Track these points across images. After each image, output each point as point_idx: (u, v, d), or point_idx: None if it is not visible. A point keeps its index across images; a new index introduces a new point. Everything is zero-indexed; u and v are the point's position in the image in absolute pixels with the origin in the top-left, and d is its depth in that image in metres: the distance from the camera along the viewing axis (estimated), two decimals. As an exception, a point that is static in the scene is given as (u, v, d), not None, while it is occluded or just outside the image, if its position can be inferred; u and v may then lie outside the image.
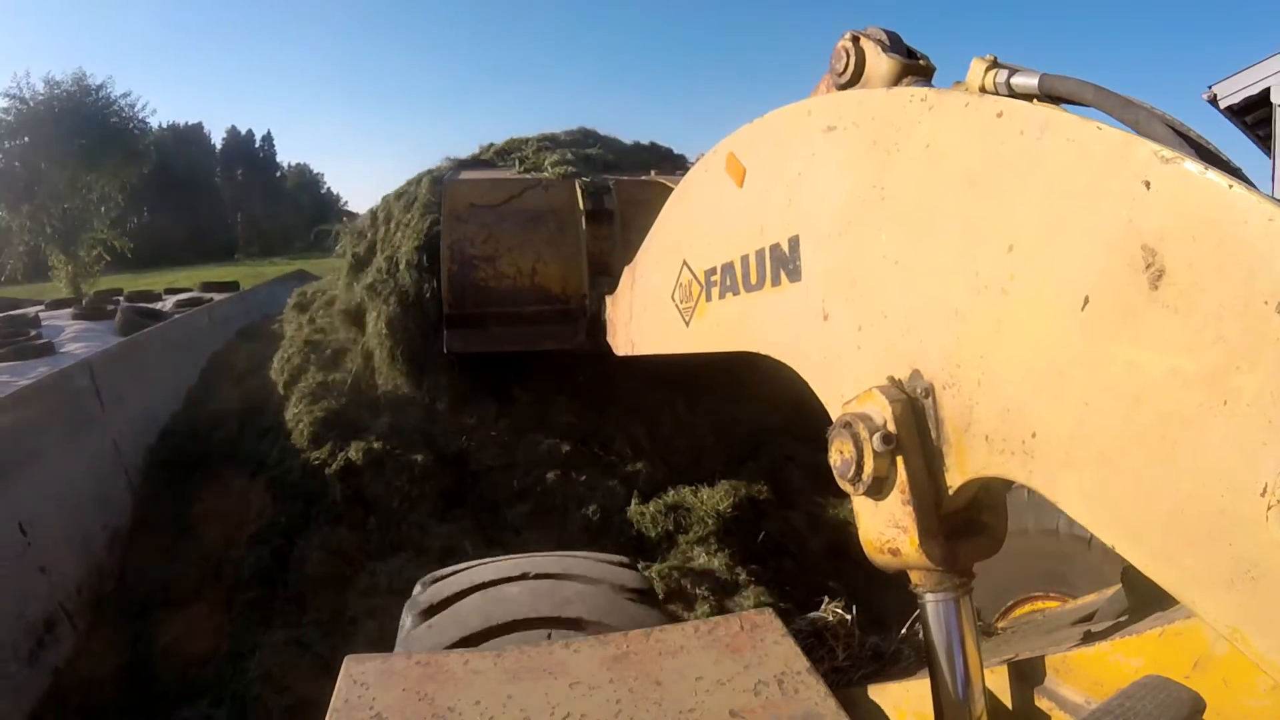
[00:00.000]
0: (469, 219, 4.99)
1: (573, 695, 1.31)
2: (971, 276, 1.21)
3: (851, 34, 1.64)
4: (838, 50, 1.65)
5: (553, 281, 4.93)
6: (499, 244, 4.95)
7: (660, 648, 1.44)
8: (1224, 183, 0.85)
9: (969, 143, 1.22)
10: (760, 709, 1.27)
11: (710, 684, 1.33)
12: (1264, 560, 0.79)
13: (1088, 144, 1.02)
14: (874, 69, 1.59)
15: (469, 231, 4.97)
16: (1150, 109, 1.08)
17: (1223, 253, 0.84)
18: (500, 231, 4.96)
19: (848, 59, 1.61)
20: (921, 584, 1.37)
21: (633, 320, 2.95)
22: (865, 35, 1.62)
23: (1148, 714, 0.95)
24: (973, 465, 1.24)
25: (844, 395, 1.48)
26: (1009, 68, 1.23)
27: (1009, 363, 1.15)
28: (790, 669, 1.36)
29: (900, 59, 1.56)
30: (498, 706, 1.29)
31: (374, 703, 1.30)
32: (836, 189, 1.54)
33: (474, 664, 1.41)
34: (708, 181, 2.10)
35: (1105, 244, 0.98)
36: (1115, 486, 0.96)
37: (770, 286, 1.82)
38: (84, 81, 28.52)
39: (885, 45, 1.59)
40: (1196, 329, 0.87)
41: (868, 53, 1.60)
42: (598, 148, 6.35)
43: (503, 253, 4.94)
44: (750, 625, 1.50)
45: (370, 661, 1.42)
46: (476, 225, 4.98)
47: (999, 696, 1.50)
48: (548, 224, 5.01)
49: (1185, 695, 1.00)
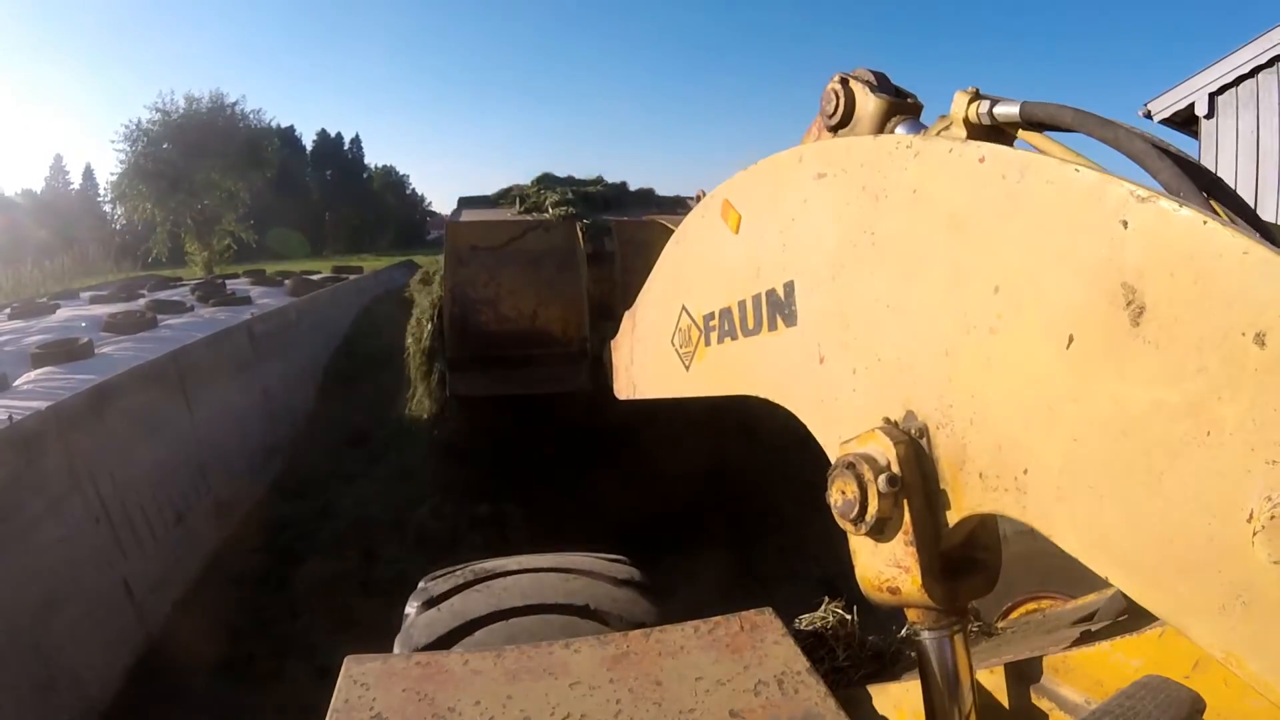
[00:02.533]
0: (471, 261, 5.11)
1: (573, 695, 1.30)
2: (960, 317, 1.24)
3: (840, 76, 1.70)
4: (827, 92, 1.71)
5: (554, 324, 4.98)
6: (500, 287, 5.03)
7: (660, 648, 1.44)
8: (1199, 218, 0.88)
9: (953, 187, 1.25)
10: (760, 709, 1.25)
11: (710, 684, 1.32)
12: (1253, 584, 0.79)
13: (1066, 185, 1.05)
14: (863, 109, 1.65)
15: (471, 274, 5.07)
16: (1128, 127, 1.13)
17: (1200, 287, 0.87)
18: (502, 274, 5.06)
19: (837, 100, 1.67)
20: (919, 622, 1.36)
21: (633, 364, 2.97)
22: (853, 76, 1.68)
23: (1148, 714, 0.94)
24: (968, 503, 1.25)
25: (841, 436, 1.50)
26: (991, 98, 1.28)
27: (999, 401, 1.17)
28: (790, 669, 1.35)
29: (889, 98, 1.61)
30: (498, 706, 1.28)
31: (374, 703, 1.30)
32: (828, 234, 1.58)
33: (474, 664, 1.40)
34: (704, 227, 2.14)
35: (1087, 282, 1.01)
36: (1106, 518, 0.97)
37: (767, 331, 1.85)
38: (220, 98, 33.57)
39: (873, 86, 1.64)
40: (1178, 362, 0.88)
41: (857, 94, 1.66)
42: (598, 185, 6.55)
43: (504, 296, 5.02)
44: (750, 625, 1.49)
45: (370, 662, 1.42)
46: (478, 267, 5.09)
47: (999, 696, 1.47)
48: (549, 266, 5.10)
49: (1185, 695, 0.99)
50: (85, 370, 8.56)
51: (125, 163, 31.60)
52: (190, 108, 32.36)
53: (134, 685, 4.81)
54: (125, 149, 31.61)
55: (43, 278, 27.59)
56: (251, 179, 34.07)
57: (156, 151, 31.47)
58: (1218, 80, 9.84)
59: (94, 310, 14.62)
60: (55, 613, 4.42)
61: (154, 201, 31.62)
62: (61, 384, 7.99)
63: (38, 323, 13.25)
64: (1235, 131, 9.81)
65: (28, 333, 12.04)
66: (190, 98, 32.58)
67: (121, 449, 5.64)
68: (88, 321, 12.79)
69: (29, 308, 15.29)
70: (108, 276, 29.37)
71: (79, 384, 7.17)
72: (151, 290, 18.78)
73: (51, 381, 8.32)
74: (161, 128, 31.68)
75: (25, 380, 8.57)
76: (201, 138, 31.59)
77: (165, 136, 31.65)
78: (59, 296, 18.63)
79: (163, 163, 31.35)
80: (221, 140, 32.17)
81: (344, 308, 15.86)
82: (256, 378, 9.28)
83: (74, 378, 8.14)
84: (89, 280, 26.60)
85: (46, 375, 8.66)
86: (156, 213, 32.09)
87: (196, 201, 32.42)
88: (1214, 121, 10.04)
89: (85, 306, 15.83)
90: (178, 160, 31.26)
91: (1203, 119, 10.13)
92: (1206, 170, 1.08)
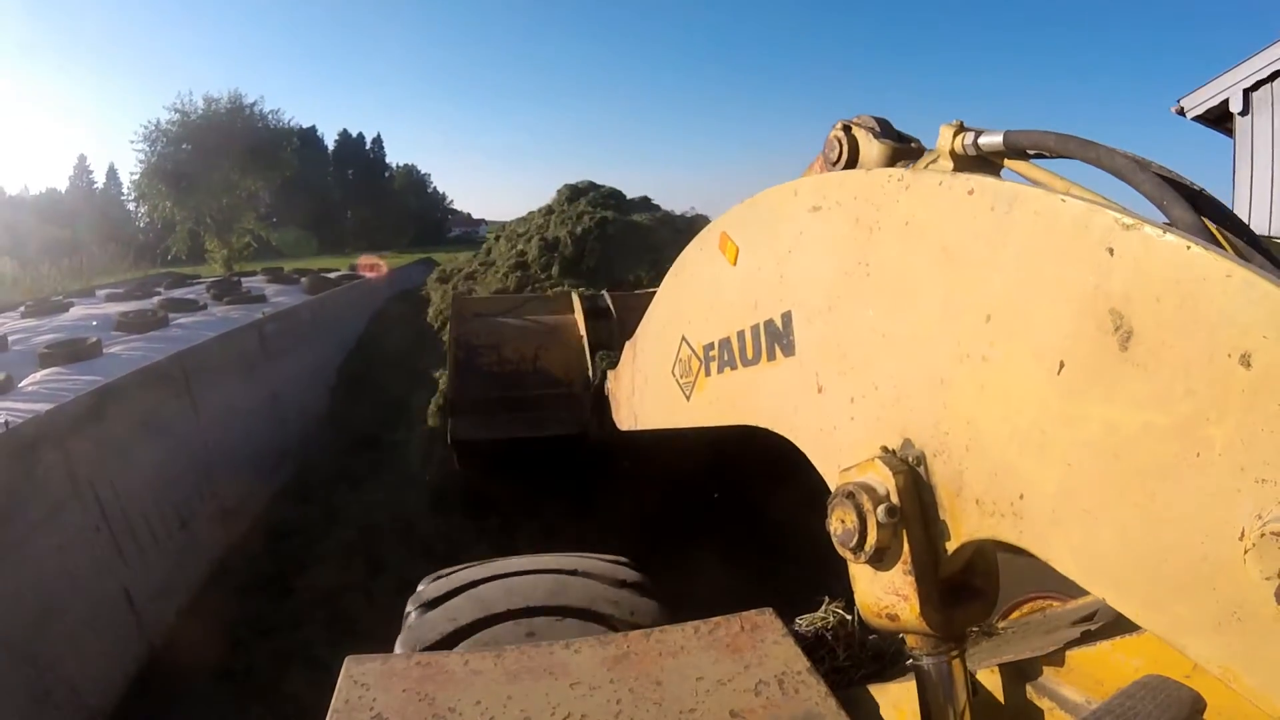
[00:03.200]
0: (474, 320, 5.42)
1: (573, 695, 1.30)
2: (954, 346, 1.26)
3: (843, 123, 1.74)
4: (830, 140, 1.75)
5: (555, 366, 5.07)
6: (502, 335, 5.27)
7: (660, 648, 1.43)
8: (1183, 244, 0.90)
9: (944, 219, 1.29)
10: (761, 709, 1.25)
11: (711, 684, 1.32)
12: (1247, 601, 0.80)
13: (1053, 215, 1.08)
14: (866, 155, 1.69)
15: (474, 327, 5.35)
16: (1108, 147, 1.16)
17: (1185, 311, 0.89)
18: (504, 328, 5.34)
19: (840, 147, 1.71)
20: (918, 647, 1.36)
21: (635, 395, 2.99)
22: (856, 123, 1.72)
23: (1148, 714, 0.94)
24: (966, 529, 1.25)
25: (840, 464, 1.51)
26: (975, 130, 1.32)
27: (994, 427, 1.18)
28: (791, 669, 1.35)
29: (891, 144, 1.65)
30: (498, 706, 1.27)
31: (374, 703, 1.29)
32: (824, 265, 1.61)
33: (474, 664, 1.40)
34: (703, 259, 2.18)
35: (1075, 309, 1.03)
36: (1101, 541, 0.98)
37: (766, 361, 1.87)
38: (239, 99, 34.16)
39: (876, 132, 1.68)
40: (1166, 385, 0.90)
41: (860, 140, 1.70)
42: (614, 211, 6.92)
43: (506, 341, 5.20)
44: (751, 625, 1.49)
45: (370, 662, 1.41)
46: (481, 324, 5.38)
47: (999, 696, 1.46)
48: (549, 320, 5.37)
49: (1185, 695, 0.99)
50: (92, 371, 8.48)
51: (144, 163, 32.37)
52: (209, 108, 33.09)
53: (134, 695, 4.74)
54: (144, 149, 32.41)
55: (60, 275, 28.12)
56: (270, 178, 34.84)
57: (175, 152, 32.21)
58: (1253, 75, 9.53)
59: (107, 308, 14.53)
60: (53, 622, 4.34)
61: (173, 201, 32.30)
62: (67, 385, 7.90)
63: (50, 321, 13.21)
64: (1271, 128, 9.51)
65: (39, 331, 11.99)
66: (209, 98, 33.41)
67: (124, 453, 5.55)
68: (99, 320, 12.70)
69: (43, 306, 15.33)
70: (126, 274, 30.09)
71: (84, 385, 7.08)
72: (168, 288, 18.90)
73: (57, 382, 8.28)
74: (180, 128, 32.39)
75: (30, 381, 8.54)
76: (220, 138, 32.22)
77: (184, 137, 32.37)
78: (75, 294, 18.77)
79: (181, 163, 32.04)
80: (240, 140, 32.77)
81: (360, 306, 15.34)
82: (266, 379, 9.04)
83: (80, 379, 8.03)
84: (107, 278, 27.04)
85: (53, 376, 8.61)
86: (176, 212, 32.74)
87: (215, 200, 33.04)
88: (1249, 118, 9.74)
89: (99, 305, 15.82)
90: (196, 160, 31.93)
91: (1237, 116, 9.85)
92: (1188, 183, 1.11)
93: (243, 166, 32.95)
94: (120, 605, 5.02)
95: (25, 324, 13.20)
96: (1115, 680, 1.28)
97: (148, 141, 32.19)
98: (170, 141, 32.24)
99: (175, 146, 32.23)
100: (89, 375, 8.06)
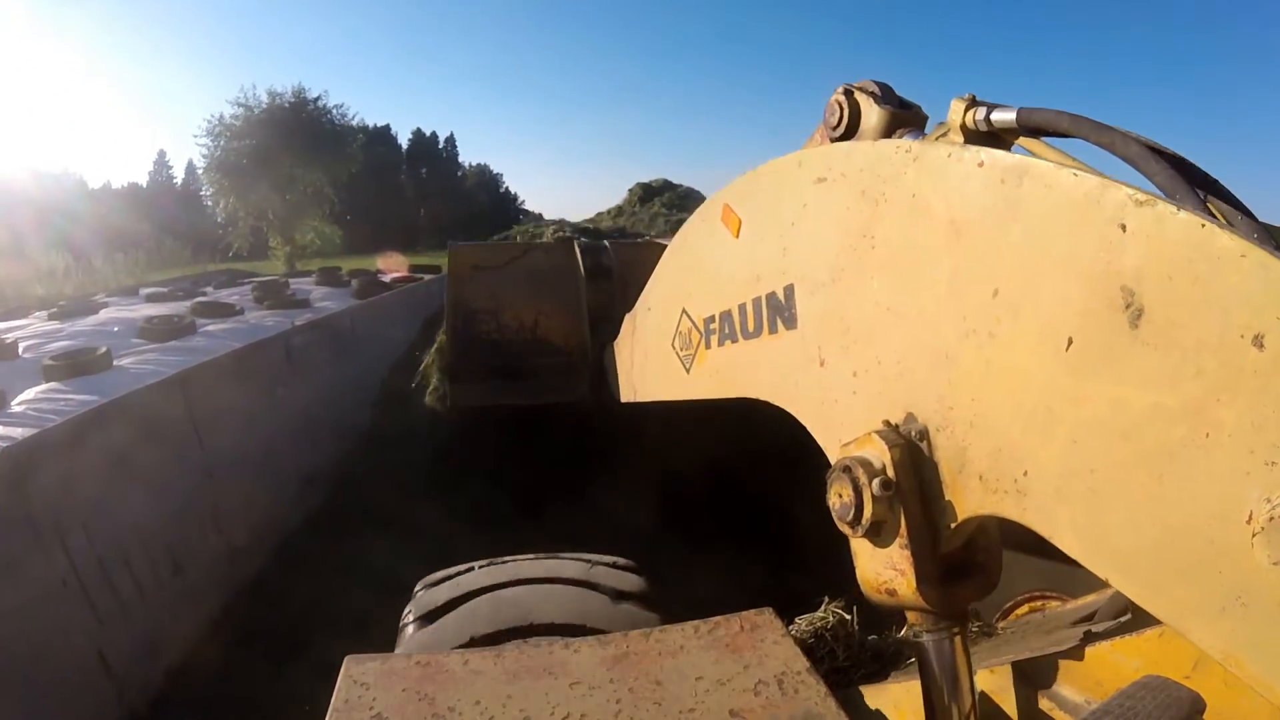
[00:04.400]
0: (472, 279, 5.19)
1: (573, 695, 1.30)
2: (960, 321, 1.24)
3: (844, 87, 1.70)
4: (831, 104, 1.71)
5: (555, 334, 5.01)
6: (501, 300, 5.11)
7: (660, 648, 1.44)
8: (1197, 221, 0.88)
9: (953, 192, 1.26)
10: (760, 709, 1.25)
11: (710, 684, 1.32)
12: (1252, 587, 0.79)
13: (1065, 190, 1.06)
14: (867, 121, 1.65)
15: (472, 289, 5.16)
16: (1124, 132, 1.13)
17: (1198, 290, 0.87)
18: (503, 289, 5.14)
19: (841, 112, 1.67)
20: (918, 624, 1.37)
21: (634, 367, 2.98)
22: (858, 88, 1.68)
23: (1147, 714, 0.94)
24: (968, 505, 1.25)
25: (841, 439, 1.50)
26: (987, 105, 1.29)
27: (999, 404, 1.17)
28: (790, 669, 1.35)
29: (893, 110, 1.62)
30: (498, 706, 1.28)
31: (374, 703, 1.30)
32: (828, 238, 1.59)
33: (474, 664, 1.41)
34: (705, 232, 2.15)
35: (1086, 286, 1.01)
36: (1105, 521, 0.97)
37: (767, 334, 1.86)
38: (303, 94, 33.92)
39: (878, 97, 1.65)
40: (1177, 365, 0.89)
41: (861, 105, 1.66)
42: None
43: (505, 307, 5.09)
44: (750, 625, 1.50)
45: (370, 662, 1.42)
46: (480, 284, 5.17)
47: (1000, 696, 1.48)
48: (548, 280, 5.17)
49: (1185, 695, 0.99)
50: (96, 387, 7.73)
51: (207, 157, 32.36)
52: (272, 102, 32.81)
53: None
54: (206, 143, 32.23)
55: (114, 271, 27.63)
56: (336, 174, 34.37)
57: (239, 146, 31.96)
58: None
59: (138, 311, 14.01)
60: (6, 699, 3.72)
61: (235, 196, 32.23)
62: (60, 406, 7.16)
63: (72, 325, 12.60)
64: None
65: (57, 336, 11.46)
66: (273, 92, 33.12)
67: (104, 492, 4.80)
68: (122, 326, 12.09)
69: (73, 307, 14.86)
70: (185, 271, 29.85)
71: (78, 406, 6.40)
72: (217, 287, 18.60)
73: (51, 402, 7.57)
74: (243, 122, 32.13)
75: (22, 400, 7.84)
76: (283, 132, 31.97)
77: (246, 131, 32.10)
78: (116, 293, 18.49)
79: (244, 157, 31.82)
80: (303, 135, 32.47)
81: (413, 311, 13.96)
82: (294, 395, 8.15)
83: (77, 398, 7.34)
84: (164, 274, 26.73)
85: (50, 393, 7.91)
86: (238, 207, 32.65)
87: (278, 196, 32.83)
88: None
89: (133, 306, 15.40)
90: (259, 155, 31.71)
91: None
92: (1202, 171, 1.08)
93: (306, 162, 32.64)
94: (93, 670, 4.38)
95: (47, 327, 12.65)
96: (1115, 680, 1.29)
97: (210, 136, 32.06)
98: (233, 135, 31.98)
99: (239, 140, 31.96)
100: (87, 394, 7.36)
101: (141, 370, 8.80)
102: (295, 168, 32.48)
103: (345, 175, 35.21)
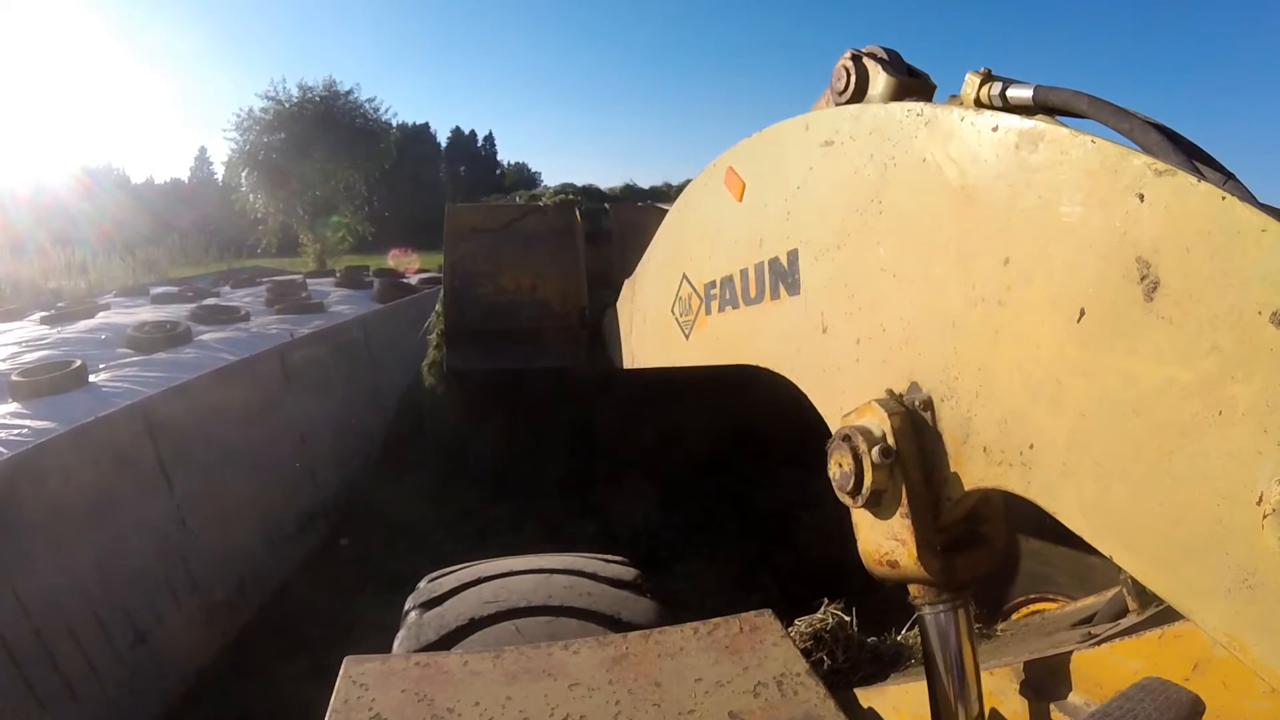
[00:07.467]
0: (470, 239, 5.11)
1: (572, 696, 1.31)
2: (968, 289, 1.22)
3: (852, 52, 1.65)
4: (838, 69, 1.66)
5: (553, 296, 4.96)
6: (500, 261, 5.05)
7: (659, 649, 1.44)
8: (1218, 194, 0.86)
9: (965, 156, 1.23)
10: (759, 710, 1.26)
11: (709, 685, 1.33)
12: (1260, 568, 0.79)
13: (1082, 157, 1.03)
14: (875, 87, 1.60)
15: (470, 249, 5.07)
16: (1144, 117, 1.09)
17: (1216, 264, 0.85)
18: (501, 251, 5.07)
19: (848, 77, 1.62)
20: (920, 596, 1.37)
21: (633, 333, 2.96)
22: (866, 53, 1.63)
23: (1147, 716, 0.94)
24: (971, 477, 1.24)
25: (843, 408, 1.49)
26: (1003, 80, 1.25)
27: (1006, 374, 1.15)
28: (789, 670, 1.36)
29: (901, 77, 1.57)
30: (497, 707, 1.29)
31: (373, 703, 1.30)
32: (834, 202, 1.55)
33: (473, 665, 1.41)
34: (707, 195, 2.11)
35: (1100, 256, 0.99)
36: (1112, 497, 0.96)
37: (769, 300, 1.83)
38: (334, 87, 32.80)
39: (886, 63, 1.60)
40: (1191, 339, 0.87)
41: (869, 70, 1.61)
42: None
43: (503, 270, 5.02)
44: (749, 627, 1.50)
45: (370, 662, 1.42)
46: (478, 244, 5.09)
47: (999, 699, 1.49)
48: (547, 243, 5.10)
49: (1185, 697, 1.00)
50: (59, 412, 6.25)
51: (235, 151, 31.35)
52: (303, 96, 31.86)
53: None
54: (236, 137, 31.32)
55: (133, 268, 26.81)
56: (368, 170, 33.43)
57: (269, 140, 31.18)
58: None
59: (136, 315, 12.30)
60: None
61: (265, 191, 31.51)
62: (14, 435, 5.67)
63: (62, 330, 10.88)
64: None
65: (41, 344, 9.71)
66: (303, 86, 32.09)
67: (40, 551, 3.94)
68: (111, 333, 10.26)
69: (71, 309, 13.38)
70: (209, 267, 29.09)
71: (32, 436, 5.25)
72: (235, 285, 17.69)
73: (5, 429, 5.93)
74: (274, 116, 31.26)
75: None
76: (314, 127, 31.03)
77: (277, 125, 31.25)
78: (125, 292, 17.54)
79: (274, 151, 31.08)
80: (334, 130, 31.55)
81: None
82: (289, 417, 6.99)
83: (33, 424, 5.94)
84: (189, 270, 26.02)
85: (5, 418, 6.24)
86: (268, 202, 31.95)
87: (309, 192, 32.04)
88: None
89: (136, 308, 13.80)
90: (289, 149, 30.90)
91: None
92: (1221, 166, 1.05)
93: (337, 157, 31.65)
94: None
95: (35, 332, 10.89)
96: (1114, 682, 1.29)
97: (239, 130, 31.17)
98: (263, 129, 31.16)
99: (269, 134, 31.14)
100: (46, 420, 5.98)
101: (114, 390, 7.29)
102: (326, 163, 31.56)
103: (378, 171, 34.27)
